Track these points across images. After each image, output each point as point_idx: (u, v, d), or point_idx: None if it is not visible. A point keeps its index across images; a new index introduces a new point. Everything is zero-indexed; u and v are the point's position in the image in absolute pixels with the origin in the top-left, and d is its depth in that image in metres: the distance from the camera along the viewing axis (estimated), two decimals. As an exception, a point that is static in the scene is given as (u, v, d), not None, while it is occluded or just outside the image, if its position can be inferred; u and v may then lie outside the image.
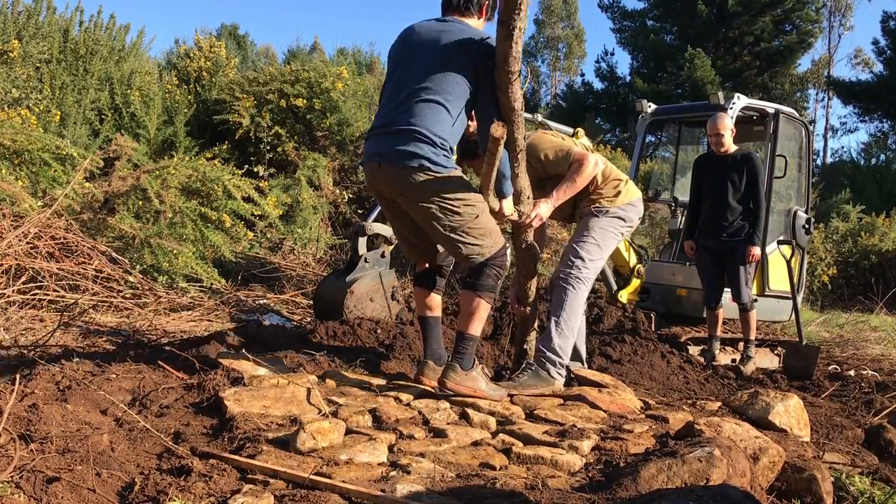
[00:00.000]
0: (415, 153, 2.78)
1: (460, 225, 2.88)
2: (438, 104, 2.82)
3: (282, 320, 5.01)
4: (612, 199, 3.67)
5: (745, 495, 2.02)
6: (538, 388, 3.30)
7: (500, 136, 2.58)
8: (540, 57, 41.24)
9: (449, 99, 2.82)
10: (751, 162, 5.05)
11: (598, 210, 3.66)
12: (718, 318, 5.32)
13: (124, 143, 6.15)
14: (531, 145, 3.55)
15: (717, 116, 5.18)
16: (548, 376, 3.35)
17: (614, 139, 26.01)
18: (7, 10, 7.83)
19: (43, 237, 4.29)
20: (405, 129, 2.82)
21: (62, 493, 1.81)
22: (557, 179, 3.50)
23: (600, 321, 5.27)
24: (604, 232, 3.63)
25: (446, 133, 2.84)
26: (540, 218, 3.28)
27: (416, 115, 2.81)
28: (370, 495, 1.96)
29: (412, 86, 2.86)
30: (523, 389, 3.27)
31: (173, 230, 5.30)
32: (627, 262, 5.62)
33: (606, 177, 3.70)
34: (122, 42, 9.02)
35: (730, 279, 5.19)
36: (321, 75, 8.43)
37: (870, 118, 28.70)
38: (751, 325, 5.23)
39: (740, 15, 24.37)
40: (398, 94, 2.90)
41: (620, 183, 3.71)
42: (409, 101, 2.85)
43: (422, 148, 2.78)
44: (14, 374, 2.76)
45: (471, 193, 2.91)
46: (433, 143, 2.80)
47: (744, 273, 5.10)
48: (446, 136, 2.84)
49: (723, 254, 5.17)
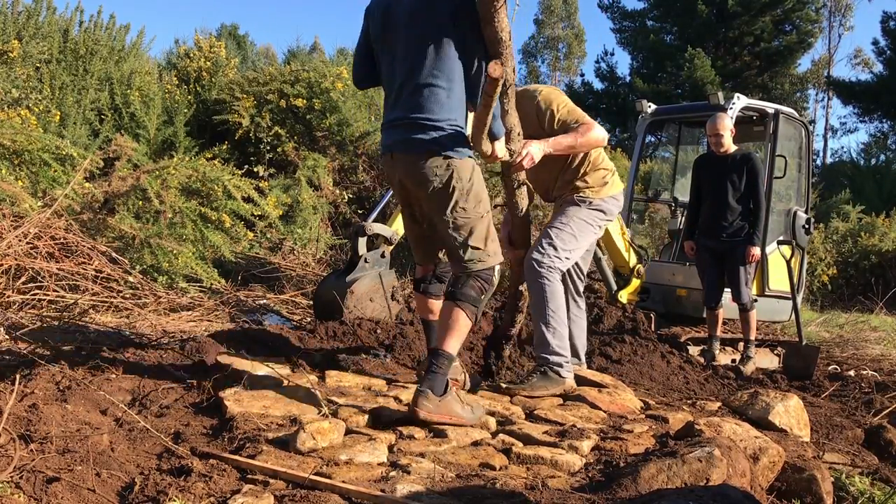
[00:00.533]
0: (423, 140, 2.69)
1: (466, 223, 2.77)
2: (432, 87, 2.68)
3: (282, 320, 5.01)
4: (598, 190, 3.59)
5: (745, 495, 2.02)
6: (550, 390, 3.28)
7: (499, 75, 2.43)
8: (540, 57, 41.25)
9: (440, 75, 2.68)
10: (751, 162, 5.06)
11: (580, 199, 3.57)
12: (718, 319, 5.32)
13: (124, 143, 6.15)
14: (547, 94, 3.48)
15: (716, 117, 5.19)
16: (557, 377, 3.33)
17: (614, 139, 26.00)
18: (7, 10, 7.83)
19: (43, 237, 4.29)
20: (409, 121, 2.73)
21: (62, 493, 1.80)
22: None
23: (600, 321, 5.27)
24: (583, 224, 3.54)
25: (451, 111, 2.71)
26: (531, 158, 3.15)
27: (415, 105, 2.71)
28: (370, 495, 1.96)
29: (403, 73, 2.74)
30: (533, 391, 3.25)
31: (173, 230, 5.30)
32: (627, 262, 5.62)
33: (597, 164, 3.62)
34: (122, 42, 9.02)
35: (730, 279, 5.20)
36: (321, 75, 8.43)
37: (870, 118, 28.72)
38: (751, 326, 5.23)
39: (740, 15, 24.38)
40: (392, 84, 2.80)
41: (608, 174, 3.64)
42: (402, 91, 2.75)
43: (429, 134, 2.69)
44: (14, 374, 2.76)
45: (484, 193, 2.82)
46: (440, 127, 2.68)
47: (744, 273, 5.11)
48: (452, 114, 2.71)
49: (723, 254, 5.18)
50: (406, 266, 6.82)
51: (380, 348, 3.84)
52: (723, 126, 5.11)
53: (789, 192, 6.41)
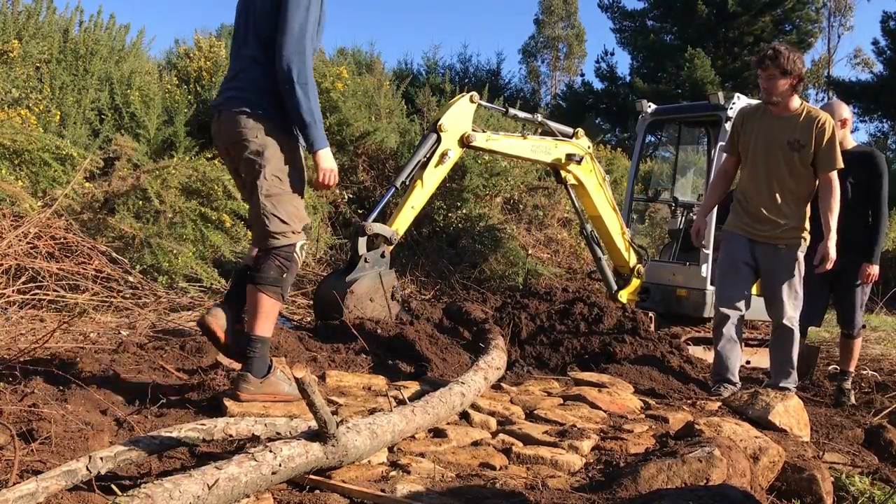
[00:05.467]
0: (244, 98, 2.77)
1: (276, 193, 2.77)
2: (256, 62, 2.78)
3: (282, 320, 5.00)
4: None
5: (745, 495, 2.02)
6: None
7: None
8: (540, 57, 41.20)
9: (261, 50, 2.78)
10: (873, 161, 4.21)
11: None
12: (857, 346, 4.48)
13: (124, 143, 6.15)
14: (830, 106, 3.94)
15: (833, 104, 4.36)
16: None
17: (614, 139, 25.99)
18: (7, 10, 7.83)
19: (43, 237, 4.29)
20: (233, 89, 2.84)
21: (62, 493, 1.80)
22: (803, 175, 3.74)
23: (600, 321, 5.27)
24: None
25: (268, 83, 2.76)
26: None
27: (240, 81, 2.83)
28: (370, 495, 1.97)
29: (237, 48, 2.90)
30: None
31: (173, 230, 5.30)
32: (627, 262, 5.62)
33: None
34: (122, 42, 9.00)
35: (841, 300, 4.37)
36: (321, 75, 8.41)
37: (870, 118, 28.68)
38: (853, 355, 4.44)
39: (740, 15, 24.38)
40: (232, 58, 2.95)
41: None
42: (234, 66, 2.90)
43: (249, 95, 2.77)
44: (14, 374, 2.76)
45: (296, 166, 2.87)
46: (258, 89, 2.76)
47: (860, 294, 4.30)
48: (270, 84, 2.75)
49: (835, 270, 4.00)
50: (406, 266, 6.82)
51: (380, 348, 3.84)
52: (840, 115, 4.23)
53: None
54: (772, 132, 3.79)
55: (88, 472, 1.78)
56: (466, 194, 7.57)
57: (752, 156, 3.87)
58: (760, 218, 3.83)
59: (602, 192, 5.53)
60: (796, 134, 3.73)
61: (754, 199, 3.86)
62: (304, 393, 1.86)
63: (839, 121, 4.20)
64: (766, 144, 3.81)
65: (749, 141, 3.88)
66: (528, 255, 7.49)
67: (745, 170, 3.99)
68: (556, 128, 5.39)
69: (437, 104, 9.39)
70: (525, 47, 41.03)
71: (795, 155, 3.73)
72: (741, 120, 3.98)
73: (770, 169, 3.79)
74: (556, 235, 8.22)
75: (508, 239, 7.53)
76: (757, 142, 3.84)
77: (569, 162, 5.27)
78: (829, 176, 3.75)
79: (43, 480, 1.67)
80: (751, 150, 3.88)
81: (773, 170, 3.79)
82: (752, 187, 3.88)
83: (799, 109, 3.76)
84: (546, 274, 7.22)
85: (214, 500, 1.69)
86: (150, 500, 1.55)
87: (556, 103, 31.42)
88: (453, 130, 4.76)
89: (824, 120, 3.72)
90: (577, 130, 5.48)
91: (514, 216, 8.24)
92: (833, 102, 4.52)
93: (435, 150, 4.68)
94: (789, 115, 3.76)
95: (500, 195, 8.12)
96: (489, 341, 3.99)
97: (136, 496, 1.55)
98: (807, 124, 3.72)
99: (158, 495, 1.57)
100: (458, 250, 7.45)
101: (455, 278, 6.93)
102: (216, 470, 1.73)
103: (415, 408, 2.50)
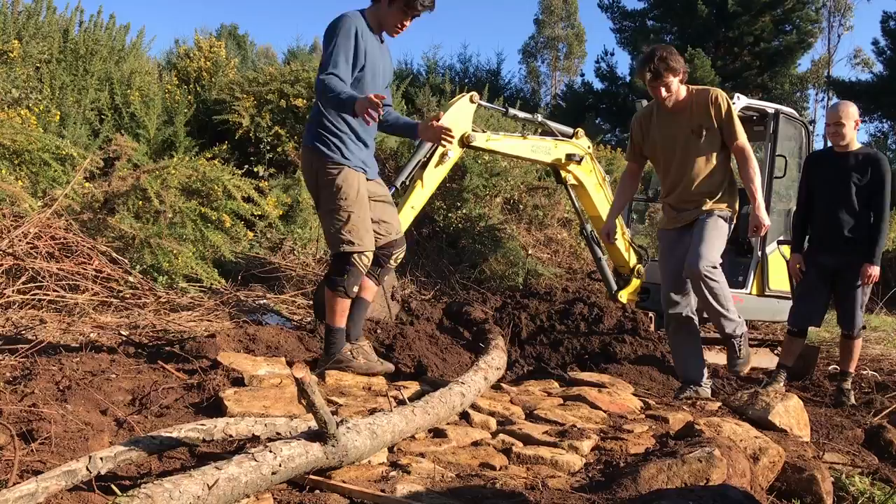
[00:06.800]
0: (310, 133, 3.39)
1: (332, 210, 3.31)
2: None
3: (282, 320, 5.00)
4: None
5: (745, 495, 2.03)
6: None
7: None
8: (540, 57, 41.20)
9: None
10: (877, 163, 4.21)
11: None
12: (857, 346, 4.45)
13: (124, 143, 6.15)
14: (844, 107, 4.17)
15: (839, 104, 4.36)
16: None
17: (614, 139, 25.95)
18: (7, 10, 7.83)
19: (43, 237, 4.29)
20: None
21: (62, 494, 1.80)
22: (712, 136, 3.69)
23: (600, 321, 5.27)
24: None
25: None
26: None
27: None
28: (370, 495, 1.97)
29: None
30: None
31: (173, 230, 5.30)
32: (627, 262, 5.61)
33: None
34: (122, 42, 9.01)
35: (842, 301, 4.35)
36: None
37: (870, 118, 28.66)
38: (853, 356, 4.42)
39: (740, 15, 24.36)
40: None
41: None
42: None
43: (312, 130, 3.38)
44: (14, 373, 2.76)
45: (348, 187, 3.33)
46: (321, 124, 3.33)
47: (861, 295, 4.28)
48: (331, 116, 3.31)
49: (836, 270, 4.28)
50: (406, 266, 6.82)
51: (380, 348, 3.84)
52: (846, 114, 4.22)
53: (789, 192, 6.40)
54: (672, 128, 3.80)
55: (88, 472, 1.78)
56: (466, 194, 7.58)
57: (663, 155, 3.89)
58: (685, 208, 3.85)
59: (602, 192, 5.53)
60: (696, 121, 3.73)
61: (675, 194, 3.87)
62: (303, 393, 1.86)
63: (853, 121, 4.25)
64: (671, 140, 3.81)
65: (655, 144, 3.90)
66: (528, 255, 7.49)
67: (658, 171, 4.03)
68: (556, 128, 5.38)
69: (437, 104, 9.39)
70: (525, 47, 41.06)
71: (702, 140, 3.73)
72: (638, 126, 3.98)
73: (682, 162, 3.79)
74: (556, 235, 8.22)
75: (508, 239, 7.53)
76: (665, 140, 3.84)
77: (569, 162, 5.27)
78: (740, 144, 3.72)
79: (43, 480, 1.67)
80: (659, 150, 3.90)
81: (685, 162, 3.78)
82: (670, 183, 3.90)
83: (689, 97, 3.76)
84: (546, 274, 7.22)
85: (214, 501, 1.69)
86: (150, 500, 1.55)
87: (556, 103, 31.44)
88: (453, 130, 4.75)
89: (715, 95, 3.72)
90: (577, 130, 5.47)
91: (514, 216, 8.24)
92: (846, 103, 4.40)
93: (435, 150, 4.68)
94: (683, 106, 3.76)
95: (500, 195, 8.12)
96: (489, 341, 4.00)
97: (136, 496, 1.55)
98: (703, 107, 3.72)
99: (158, 495, 1.57)
100: (458, 250, 7.46)
101: (455, 278, 6.94)
102: (216, 470, 1.73)
103: (415, 408, 2.51)
